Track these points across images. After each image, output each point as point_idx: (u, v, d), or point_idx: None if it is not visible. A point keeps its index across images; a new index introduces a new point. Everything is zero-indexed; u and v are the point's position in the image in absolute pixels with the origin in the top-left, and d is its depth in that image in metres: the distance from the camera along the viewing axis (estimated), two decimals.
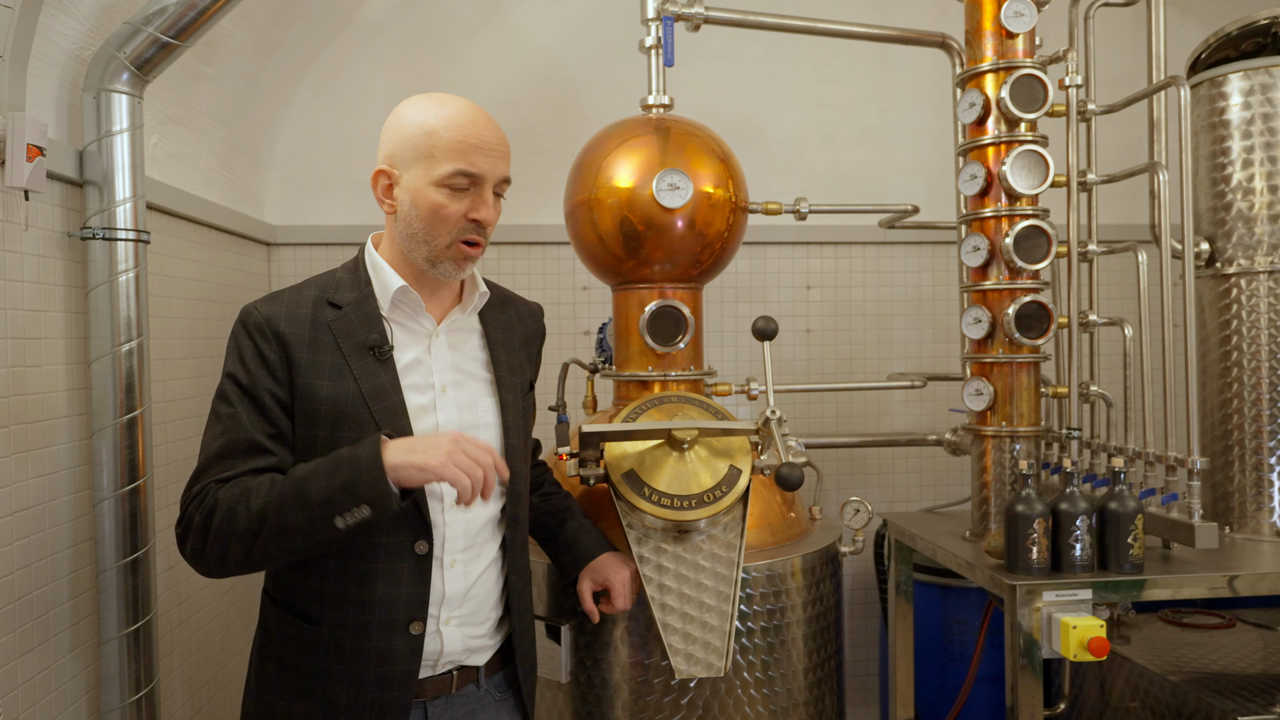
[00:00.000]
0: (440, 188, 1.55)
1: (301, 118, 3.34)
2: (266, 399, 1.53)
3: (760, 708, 2.10)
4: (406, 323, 1.64)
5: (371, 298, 1.61)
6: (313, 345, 1.56)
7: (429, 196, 1.55)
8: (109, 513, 2.06)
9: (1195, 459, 2.22)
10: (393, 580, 1.55)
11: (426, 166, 1.55)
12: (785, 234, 3.55)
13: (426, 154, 1.55)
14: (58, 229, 2.01)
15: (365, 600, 1.54)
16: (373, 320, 1.59)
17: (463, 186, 1.56)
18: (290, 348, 1.55)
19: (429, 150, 1.55)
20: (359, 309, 1.60)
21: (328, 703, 1.55)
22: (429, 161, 1.55)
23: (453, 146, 1.54)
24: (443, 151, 1.54)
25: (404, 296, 1.62)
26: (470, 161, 1.55)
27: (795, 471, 1.90)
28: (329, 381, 1.55)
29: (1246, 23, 2.57)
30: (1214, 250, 2.62)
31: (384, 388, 1.56)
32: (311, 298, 1.61)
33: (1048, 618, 2.09)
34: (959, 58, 2.71)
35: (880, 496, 3.67)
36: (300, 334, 1.56)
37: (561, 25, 3.47)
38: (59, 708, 1.98)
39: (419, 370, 1.62)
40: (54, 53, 2.00)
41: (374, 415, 1.54)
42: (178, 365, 2.57)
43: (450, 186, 1.55)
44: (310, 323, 1.57)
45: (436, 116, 1.56)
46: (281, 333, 1.55)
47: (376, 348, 1.57)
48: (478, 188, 1.57)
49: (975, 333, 2.48)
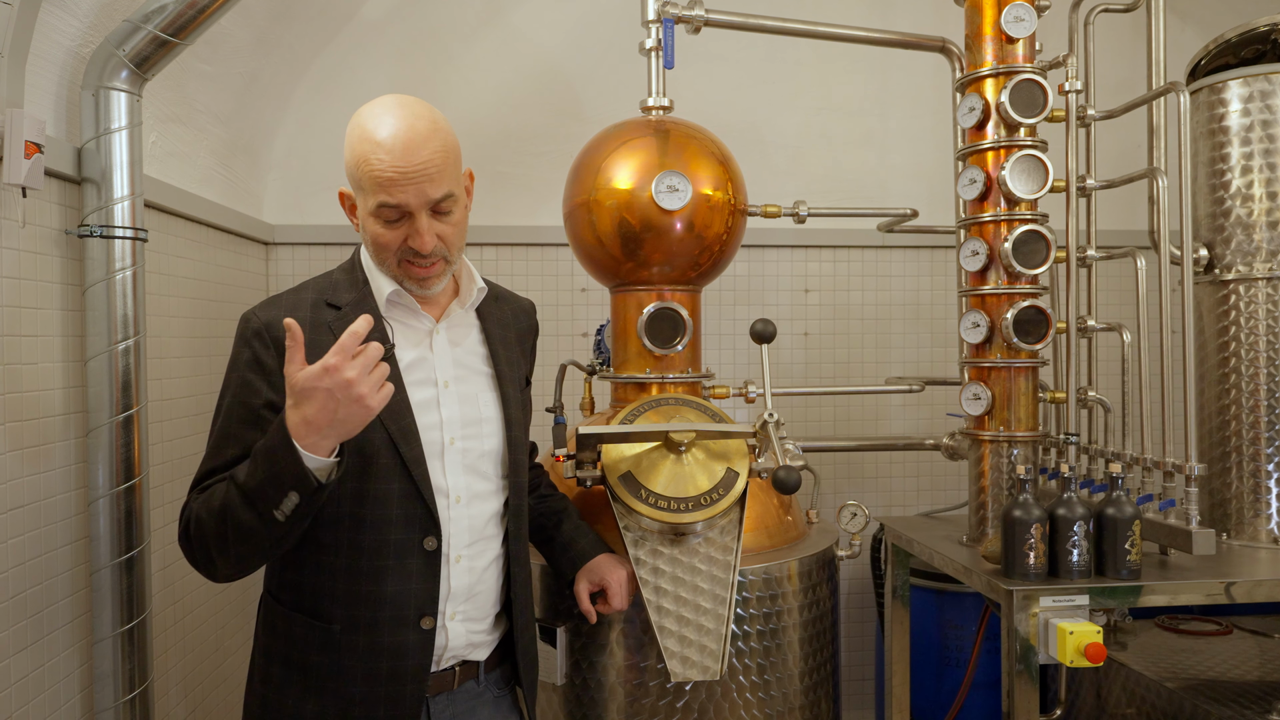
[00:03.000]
0: (374, 218, 1.53)
1: (300, 117, 3.34)
2: (261, 410, 1.54)
3: (756, 711, 2.09)
4: (407, 320, 1.65)
5: (370, 298, 1.62)
6: (312, 347, 1.55)
7: (369, 226, 1.55)
8: (104, 511, 2.05)
9: (1193, 465, 2.21)
10: (403, 576, 1.56)
11: (362, 197, 1.55)
12: (784, 237, 3.55)
13: (358, 185, 1.54)
14: (55, 226, 2.01)
15: (377, 597, 1.55)
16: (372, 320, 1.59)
17: (393, 218, 1.52)
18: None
19: (358, 182, 1.53)
20: (358, 309, 1.59)
21: (341, 699, 1.55)
22: (361, 193, 1.54)
23: (373, 180, 1.49)
24: (368, 184, 1.50)
25: (399, 299, 1.63)
26: (389, 194, 1.49)
27: (793, 475, 1.89)
28: None
29: (1246, 29, 2.57)
30: (1213, 256, 2.62)
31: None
32: (310, 300, 1.61)
33: (1045, 623, 2.09)
34: (959, 62, 2.71)
35: (877, 501, 3.66)
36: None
37: (561, 27, 3.47)
38: (52, 706, 1.98)
39: (421, 367, 1.62)
40: (53, 50, 2.00)
41: (379, 414, 1.53)
42: (174, 364, 2.57)
43: (382, 217, 1.53)
44: (309, 325, 1.56)
45: (362, 144, 1.50)
46: (280, 338, 1.54)
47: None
48: (410, 217, 1.52)
49: (973, 337, 2.48)
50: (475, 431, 1.65)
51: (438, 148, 1.51)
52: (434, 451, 1.59)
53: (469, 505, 1.63)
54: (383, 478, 1.55)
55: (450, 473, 1.61)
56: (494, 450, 1.68)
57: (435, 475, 1.59)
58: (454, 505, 1.61)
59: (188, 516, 1.53)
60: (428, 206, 1.52)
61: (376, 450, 1.54)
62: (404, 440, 1.55)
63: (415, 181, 1.49)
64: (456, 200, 1.57)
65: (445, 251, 1.58)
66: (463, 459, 1.63)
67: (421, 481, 1.56)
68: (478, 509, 1.64)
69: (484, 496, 1.66)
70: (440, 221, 1.55)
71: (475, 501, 1.64)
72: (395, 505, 1.55)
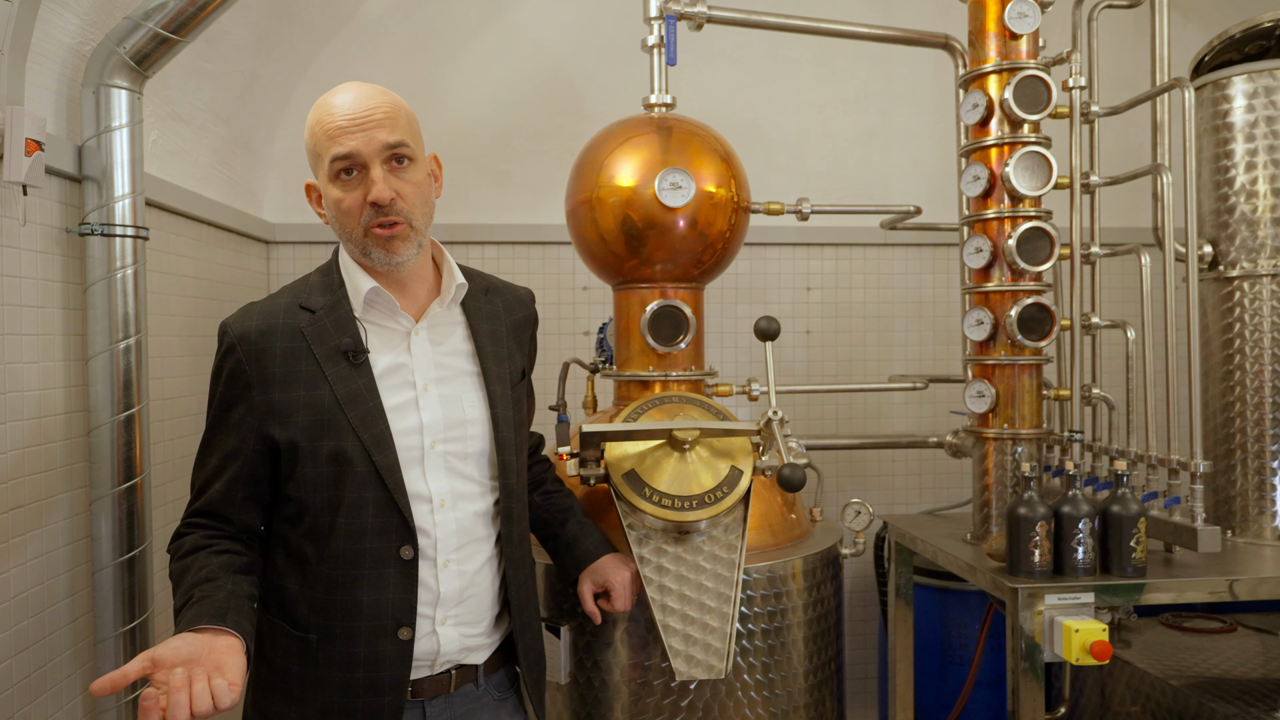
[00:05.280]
0: (333, 182, 1.54)
1: (301, 116, 3.32)
2: (238, 421, 1.56)
3: (760, 710, 2.09)
4: (383, 322, 1.62)
5: (345, 301, 1.60)
6: (287, 355, 1.55)
7: (330, 194, 1.55)
8: (105, 510, 2.05)
9: (1198, 462, 2.20)
10: (378, 586, 1.54)
11: (320, 166, 1.56)
12: (786, 235, 3.54)
13: (315, 154, 1.55)
14: (56, 224, 2.00)
15: (351, 607, 1.53)
16: (346, 323, 1.58)
17: (347, 170, 1.53)
18: (264, 363, 1.54)
19: (315, 149, 1.55)
20: (331, 313, 1.58)
21: (319, 709, 1.54)
22: (319, 161, 1.55)
23: (325, 136, 1.52)
24: (321, 145, 1.53)
25: (376, 297, 1.60)
26: (339, 143, 1.50)
27: (797, 472, 1.89)
28: (305, 391, 1.54)
29: (1250, 25, 2.57)
30: (1217, 253, 2.61)
31: (359, 393, 1.54)
32: (284, 305, 1.60)
33: (1050, 621, 2.08)
34: (962, 59, 2.70)
35: (880, 499, 3.66)
36: (272, 346, 1.55)
37: (563, 24, 3.46)
38: (54, 706, 1.97)
39: (399, 370, 1.59)
40: (53, 47, 1.99)
41: (350, 421, 1.52)
42: (175, 363, 2.56)
43: (338, 177, 1.53)
44: (283, 332, 1.56)
45: (315, 114, 1.55)
46: (254, 349, 1.55)
47: (350, 352, 1.56)
48: (364, 170, 1.52)
49: (977, 334, 2.47)
50: (459, 434, 1.61)
51: (387, 101, 1.54)
52: (413, 457, 1.57)
53: (454, 509, 1.60)
54: (357, 486, 1.53)
55: (432, 478, 1.58)
56: (480, 452, 1.64)
57: (414, 482, 1.56)
58: (438, 510, 1.58)
59: (173, 550, 1.60)
60: (381, 155, 1.52)
61: (351, 459, 1.52)
62: (377, 448, 1.53)
63: (365, 128, 1.50)
64: (415, 159, 1.57)
65: (408, 213, 1.55)
66: (445, 463, 1.59)
67: (396, 490, 1.53)
68: (464, 512, 1.61)
69: (470, 499, 1.62)
70: (397, 177, 1.54)
71: (461, 504, 1.61)
72: (370, 514, 1.53)
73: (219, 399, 1.58)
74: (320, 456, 1.52)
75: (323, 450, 1.52)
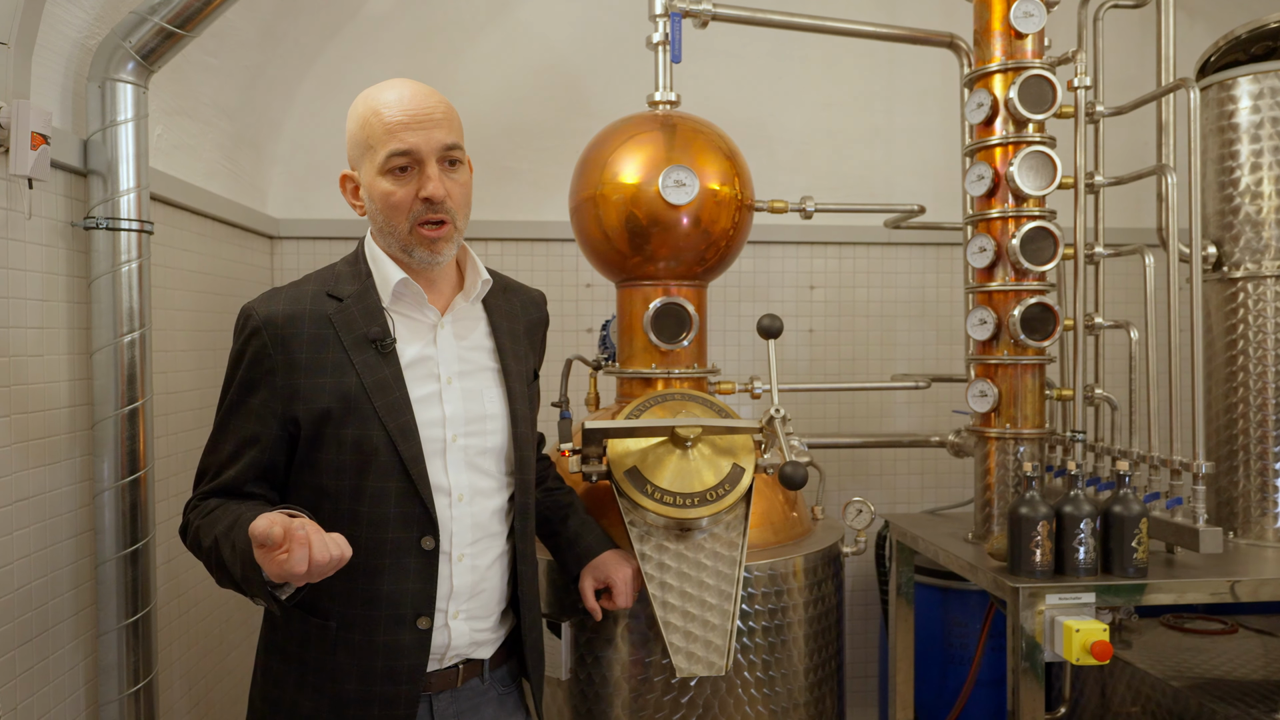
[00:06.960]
0: (384, 176, 1.55)
1: (306, 111, 3.33)
2: (260, 407, 1.54)
3: (760, 708, 2.09)
4: (410, 314, 1.63)
5: (373, 290, 1.60)
6: (313, 341, 1.55)
7: (379, 187, 1.56)
8: (109, 504, 2.05)
9: (1200, 463, 2.20)
10: (399, 576, 1.55)
11: (370, 159, 1.56)
12: (789, 233, 3.54)
13: (366, 146, 1.56)
14: (61, 218, 2.00)
15: (372, 595, 1.54)
16: (374, 313, 1.58)
17: (403, 167, 1.54)
18: (290, 347, 1.54)
19: (367, 141, 1.55)
20: (360, 301, 1.59)
21: (336, 696, 1.55)
22: (370, 153, 1.56)
23: (383, 130, 1.53)
24: (377, 139, 1.54)
25: (405, 289, 1.60)
26: (400, 139, 1.52)
27: (800, 470, 1.89)
28: (331, 377, 1.54)
29: (1256, 26, 2.56)
30: (1221, 254, 2.60)
31: (387, 382, 1.55)
32: (311, 292, 1.60)
33: (1050, 621, 2.08)
34: (967, 58, 2.70)
35: (882, 497, 3.66)
36: (299, 332, 1.55)
37: (568, 21, 3.46)
38: (57, 698, 1.98)
39: (425, 362, 1.61)
40: (59, 41, 1.99)
41: (377, 410, 1.53)
42: (180, 357, 2.57)
43: (392, 172, 1.54)
44: (310, 318, 1.56)
45: (369, 106, 1.56)
46: (280, 333, 1.54)
47: (379, 340, 1.56)
48: (419, 165, 1.54)
49: (980, 334, 2.47)
50: (479, 428, 1.63)
51: (444, 102, 1.58)
52: (435, 449, 1.58)
53: (471, 503, 1.61)
54: (381, 475, 1.54)
55: (452, 470, 1.60)
56: (498, 447, 1.66)
57: (435, 474, 1.57)
58: (456, 504, 1.59)
59: (187, 522, 1.58)
60: (437, 153, 1.54)
61: (376, 447, 1.53)
62: (402, 438, 1.54)
63: (425, 126, 1.53)
64: (463, 160, 1.60)
65: (454, 213, 1.58)
66: (465, 456, 1.61)
67: (419, 480, 1.54)
68: (481, 507, 1.63)
69: (487, 494, 1.64)
70: (448, 177, 1.57)
71: (478, 499, 1.62)
72: (393, 503, 1.54)
73: (239, 382, 1.56)
74: (344, 443, 1.53)
75: (347, 437, 1.52)
